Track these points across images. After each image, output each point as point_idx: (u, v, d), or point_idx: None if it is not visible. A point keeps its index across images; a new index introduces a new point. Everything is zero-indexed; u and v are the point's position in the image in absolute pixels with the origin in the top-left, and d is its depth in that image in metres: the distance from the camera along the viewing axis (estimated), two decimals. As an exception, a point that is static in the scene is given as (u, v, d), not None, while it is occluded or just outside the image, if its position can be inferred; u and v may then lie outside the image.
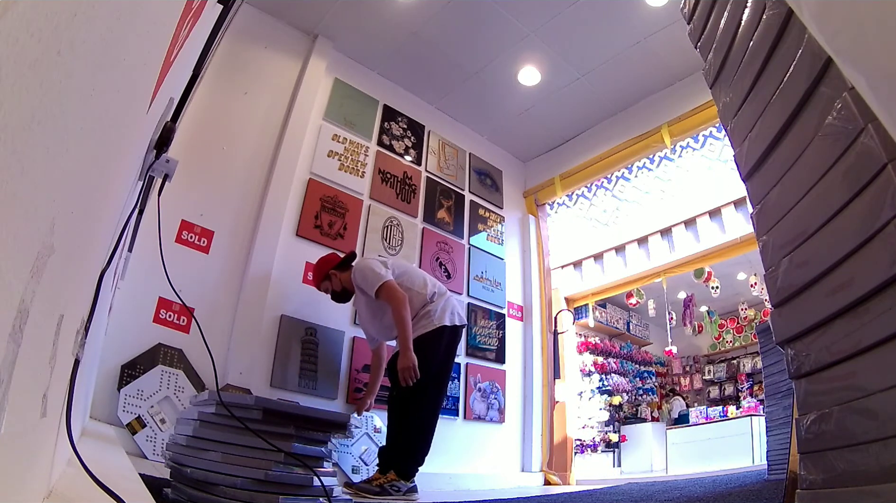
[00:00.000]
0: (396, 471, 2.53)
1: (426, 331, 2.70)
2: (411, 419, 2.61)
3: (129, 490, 1.09)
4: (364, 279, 2.73)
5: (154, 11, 0.60)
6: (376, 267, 2.76)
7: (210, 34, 1.49)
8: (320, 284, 2.96)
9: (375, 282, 2.66)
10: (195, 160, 3.17)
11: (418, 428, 2.63)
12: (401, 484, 2.51)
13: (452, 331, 2.79)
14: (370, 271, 2.73)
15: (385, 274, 2.71)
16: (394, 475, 2.52)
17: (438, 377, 2.75)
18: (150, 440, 2.54)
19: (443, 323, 2.73)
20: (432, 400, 2.71)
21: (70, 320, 0.73)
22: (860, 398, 0.92)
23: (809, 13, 0.97)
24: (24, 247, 0.36)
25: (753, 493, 2.19)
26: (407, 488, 2.54)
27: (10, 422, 0.42)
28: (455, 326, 2.81)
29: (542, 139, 5.30)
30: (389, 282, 2.68)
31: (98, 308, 1.07)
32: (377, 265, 2.78)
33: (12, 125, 0.28)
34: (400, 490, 2.50)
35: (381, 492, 2.47)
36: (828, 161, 1.00)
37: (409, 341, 2.56)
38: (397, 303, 2.61)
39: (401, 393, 2.61)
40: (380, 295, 2.66)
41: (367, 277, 2.71)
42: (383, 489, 2.47)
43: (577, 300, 5.34)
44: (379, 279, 2.66)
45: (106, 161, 0.62)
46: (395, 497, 2.49)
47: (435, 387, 2.72)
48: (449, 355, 2.82)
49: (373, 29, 4.09)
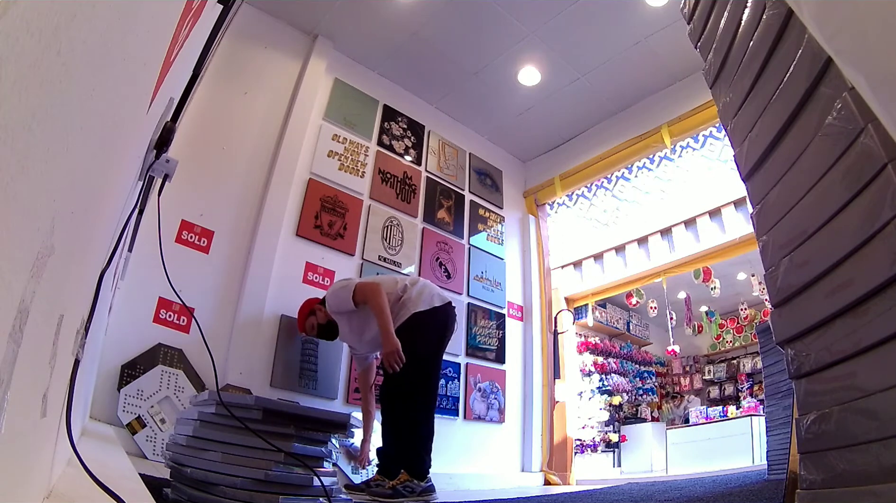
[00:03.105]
0: (408, 471, 2.41)
1: (402, 321, 2.60)
2: (408, 413, 2.49)
3: (129, 490, 1.09)
4: (336, 297, 2.70)
5: (154, 11, 0.60)
6: (340, 283, 2.80)
7: (210, 34, 1.49)
8: (305, 322, 2.91)
9: (347, 292, 2.63)
10: (195, 160, 3.17)
11: (415, 421, 2.50)
12: (415, 484, 2.39)
13: (431, 313, 2.66)
14: (338, 289, 2.74)
15: (350, 282, 2.71)
16: (406, 475, 2.39)
17: (427, 364, 2.61)
18: (150, 440, 2.54)
19: (418, 308, 2.62)
20: (425, 390, 2.59)
21: (70, 320, 0.73)
22: (860, 398, 0.92)
23: (809, 13, 0.97)
24: (24, 247, 0.36)
25: (753, 493, 2.19)
26: (422, 488, 2.40)
27: (10, 422, 0.42)
28: (434, 308, 2.67)
29: (541, 139, 5.30)
30: (359, 282, 2.69)
31: (98, 308, 1.07)
32: (340, 282, 2.83)
33: (13, 125, 0.28)
34: (414, 491, 2.38)
35: (395, 494, 2.35)
36: (828, 161, 1.00)
37: (390, 325, 2.48)
38: (373, 294, 2.56)
39: (391, 386, 2.50)
40: (356, 298, 2.61)
41: (338, 294, 2.69)
42: (396, 491, 2.35)
43: (577, 300, 5.34)
44: (348, 288, 2.65)
45: (106, 161, 0.62)
46: (410, 499, 2.37)
47: (424, 375, 2.58)
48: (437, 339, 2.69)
49: (373, 29, 4.09)
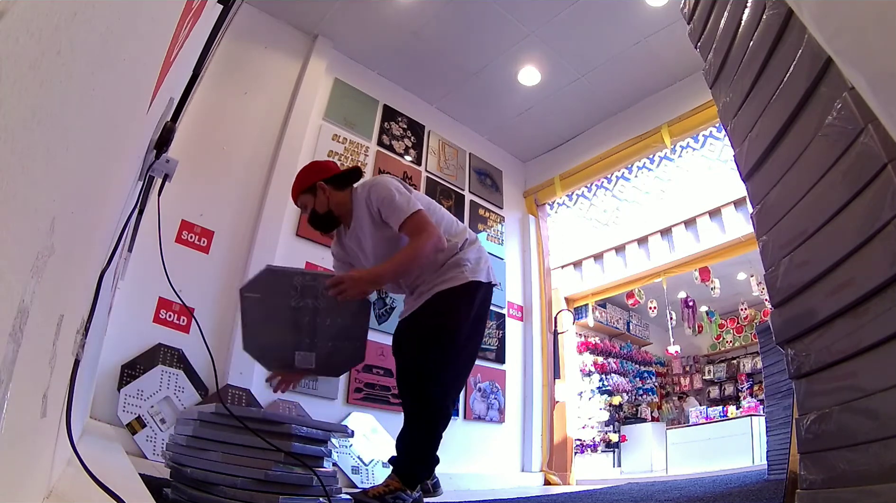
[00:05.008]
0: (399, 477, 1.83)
1: (455, 283, 1.95)
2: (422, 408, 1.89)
3: (129, 490, 1.09)
4: (388, 203, 1.91)
5: (154, 11, 0.60)
6: (401, 188, 1.97)
7: (210, 34, 1.49)
8: (299, 197, 2.09)
9: (406, 210, 1.88)
10: (195, 160, 3.17)
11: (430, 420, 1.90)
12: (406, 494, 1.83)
13: (487, 290, 2.09)
14: (397, 193, 1.92)
15: (415, 202, 1.92)
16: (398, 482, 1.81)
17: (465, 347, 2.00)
18: (150, 440, 2.54)
19: (477, 277, 2.00)
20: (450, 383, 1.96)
21: (70, 320, 0.73)
22: (860, 398, 0.92)
23: (809, 13, 0.97)
24: (24, 247, 0.36)
25: (753, 493, 2.19)
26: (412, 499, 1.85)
27: (10, 422, 0.42)
28: (490, 284, 2.11)
29: (542, 139, 5.30)
30: (420, 212, 1.90)
31: (98, 308, 1.07)
32: (400, 186, 1.98)
33: (13, 124, 0.28)
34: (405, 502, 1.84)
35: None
36: (828, 161, 1.00)
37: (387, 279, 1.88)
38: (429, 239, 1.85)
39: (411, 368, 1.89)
40: (405, 227, 1.88)
41: (394, 202, 1.90)
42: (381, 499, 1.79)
43: (577, 300, 5.34)
44: (410, 206, 1.89)
45: (106, 161, 0.62)
46: None
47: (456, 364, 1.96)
48: (480, 320, 2.10)
49: (373, 29, 4.09)
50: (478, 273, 2.02)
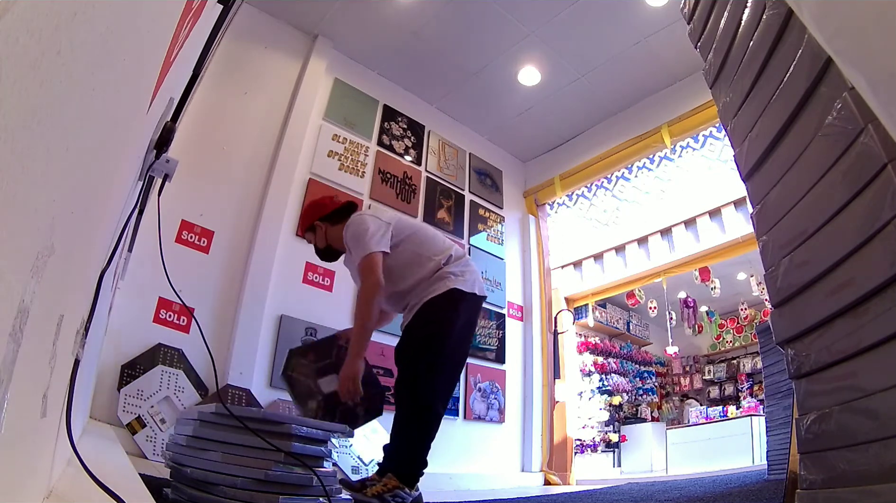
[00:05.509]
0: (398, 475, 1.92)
1: (439, 292, 2.11)
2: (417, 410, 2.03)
3: (129, 490, 1.09)
4: (354, 243, 2.14)
5: (154, 11, 0.60)
6: (372, 226, 2.15)
7: (210, 34, 1.49)
8: (304, 233, 2.42)
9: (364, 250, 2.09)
10: (195, 160, 3.17)
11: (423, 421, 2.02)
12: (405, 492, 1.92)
13: (473, 300, 2.19)
14: (363, 231, 2.13)
15: (377, 243, 2.11)
16: (396, 481, 1.90)
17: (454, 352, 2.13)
18: (150, 440, 2.54)
19: (459, 285, 2.13)
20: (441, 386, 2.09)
21: (70, 320, 0.73)
22: (860, 398, 0.92)
23: (809, 13, 0.97)
24: (24, 247, 0.36)
25: (753, 493, 2.19)
26: (412, 498, 1.95)
27: (10, 422, 0.42)
28: (476, 296, 2.20)
29: (541, 139, 5.30)
30: (374, 255, 2.08)
31: (98, 308, 1.07)
32: (373, 224, 2.17)
33: (13, 124, 0.28)
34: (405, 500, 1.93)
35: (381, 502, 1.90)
36: (828, 161, 1.00)
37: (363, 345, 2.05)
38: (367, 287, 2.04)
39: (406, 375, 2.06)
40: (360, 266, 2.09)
41: (360, 241, 2.11)
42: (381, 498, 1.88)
43: (577, 300, 5.34)
44: (368, 247, 2.09)
45: (106, 161, 0.62)
46: None
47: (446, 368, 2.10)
48: (467, 329, 2.23)
49: (373, 29, 4.09)
50: (461, 283, 2.16)
